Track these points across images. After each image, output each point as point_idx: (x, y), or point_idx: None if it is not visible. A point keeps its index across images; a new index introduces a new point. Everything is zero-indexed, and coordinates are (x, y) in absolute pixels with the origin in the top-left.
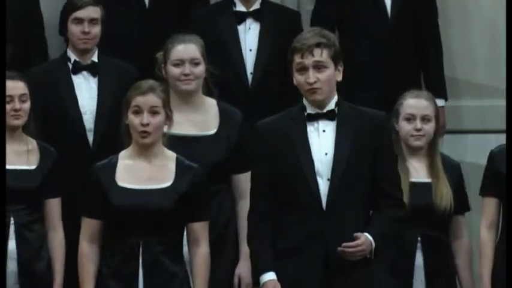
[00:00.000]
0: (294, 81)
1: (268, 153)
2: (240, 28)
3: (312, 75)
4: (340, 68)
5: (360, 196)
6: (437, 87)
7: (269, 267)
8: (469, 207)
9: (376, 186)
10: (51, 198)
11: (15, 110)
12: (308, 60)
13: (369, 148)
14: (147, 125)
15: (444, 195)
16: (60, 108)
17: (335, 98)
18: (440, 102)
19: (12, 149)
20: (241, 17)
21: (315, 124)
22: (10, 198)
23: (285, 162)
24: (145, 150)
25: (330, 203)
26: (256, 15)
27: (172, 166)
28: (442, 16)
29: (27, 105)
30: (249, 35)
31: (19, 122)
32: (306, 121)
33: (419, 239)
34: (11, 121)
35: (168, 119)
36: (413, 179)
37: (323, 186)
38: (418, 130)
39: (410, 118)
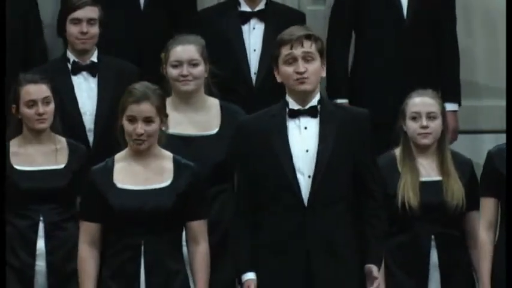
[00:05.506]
0: (278, 78)
1: (247, 151)
2: (245, 28)
3: (302, 65)
4: (324, 66)
5: (342, 194)
6: (451, 92)
7: (247, 268)
8: None
9: (361, 185)
10: None
11: (39, 114)
12: (297, 51)
13: (352, 146)
14: (142, 134)
15: (455, 193)
16: (60, 108)
17: (318, 96)
18: (453, 106)
19: (38, 150)
20: (246, 17)
21: (297, 121)
22: (41, 199)
23: (264, 159)
24: (141, 152)
25: (311, 201)
26: (261, 16)
27: (169, 166)
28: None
29: (51, 107)
30: (253, 35)
31: (44, 125)
32: (286, 117)
33: (433, 237)
34: (36, 125)
35: (163, 123)
36: (423, 179)
37: (304, 183)
38: (425, 128)
39: (415, 116)
